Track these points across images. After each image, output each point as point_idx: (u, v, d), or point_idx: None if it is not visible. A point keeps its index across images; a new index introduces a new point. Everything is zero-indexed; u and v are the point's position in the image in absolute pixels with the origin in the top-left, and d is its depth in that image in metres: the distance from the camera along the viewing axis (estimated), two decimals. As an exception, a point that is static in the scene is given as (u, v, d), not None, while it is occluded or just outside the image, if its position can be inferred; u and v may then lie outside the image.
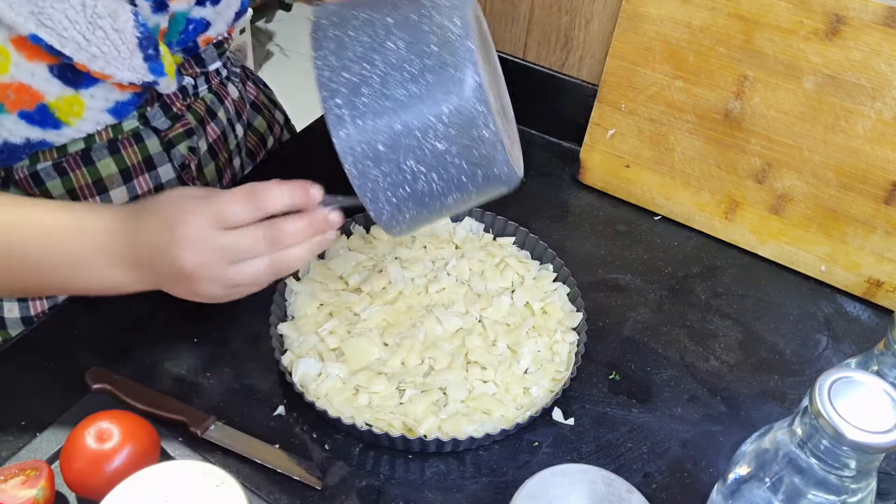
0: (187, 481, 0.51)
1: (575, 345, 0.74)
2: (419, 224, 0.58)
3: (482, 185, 0.55)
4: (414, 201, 0.54)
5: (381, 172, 0.52)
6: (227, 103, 0.87)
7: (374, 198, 0.54)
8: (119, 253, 0.58)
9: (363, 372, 0.69)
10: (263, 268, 0.57)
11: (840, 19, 0.74)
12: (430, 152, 0.52)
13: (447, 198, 0.55)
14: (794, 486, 0.45)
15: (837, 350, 0.79)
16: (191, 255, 0.55)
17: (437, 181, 0.53)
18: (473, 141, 0.52)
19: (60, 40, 0.61)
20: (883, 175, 0.78)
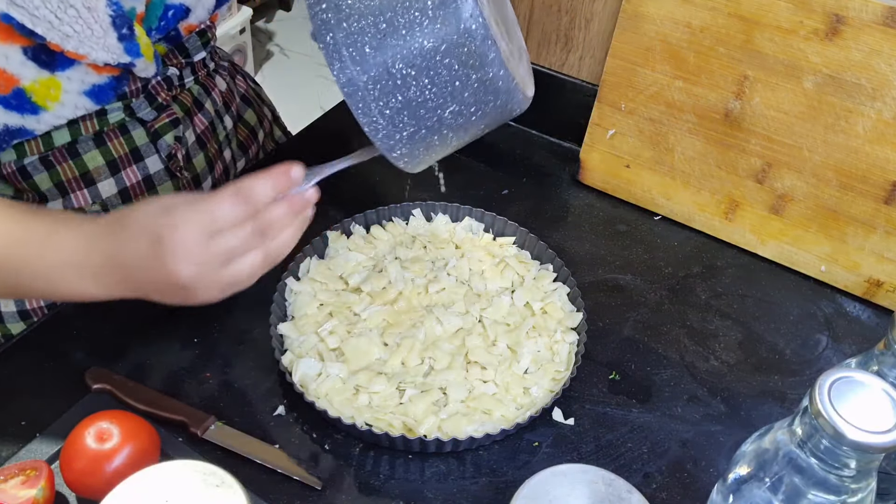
0: (187, 481, 0.51)
1: (575, 345, 0.74)
2: (421, 147, 0.55)
3: (479, 92, 0.53)
4: (409, 113, 0.52)
5: (371, 78, 0.51)
6: (215, 94, 0.87)
7: (365, 109, 0.52)
8: (93, 269, 0.57)
9: (363, 372, 0.69)
10: (259, 261, 0.57)
11: (840, 19, 0.74)
12: (418, 52, 0.50)
13: (444, 110, 0.53)
14: (794, 486, 0.45)
15: (837, 350, 0.79)
16: (186, 266, 0.54)
17: (430, 87, 0.51)
18: (461, 35, 0.50)
19: (32, 19, 0.61)
20: (883, 175, 0.78)
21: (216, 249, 0.55)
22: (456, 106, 0.53)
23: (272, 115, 1.06)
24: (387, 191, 0.94)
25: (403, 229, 0.84)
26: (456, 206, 0.85)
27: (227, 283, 0.57)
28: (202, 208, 0.55)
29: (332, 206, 0.90)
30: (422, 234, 0.84)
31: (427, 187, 0.94)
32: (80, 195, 0.77)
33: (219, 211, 0.55)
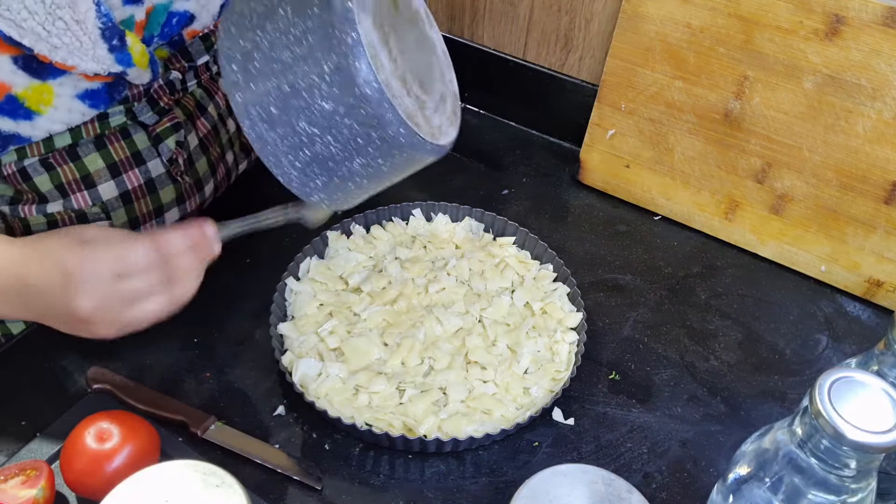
0: (187, 481, 0.51)
1: (575, 345, 0.74)
2: (338, 192, 0.58)
3: (384, 148, 0.55)
4: (319, 165, 0.55)
5: (278, 135, 0.54)
6: (218, 98, 0.87)
7: (277, 162, 0.55)
8: (2, 289, 0.59)
9: (363, 372, 0.69)
10: (162, 306, 0.61)
11: (840, 19, 0.74)
12: (319, 113, 0.53)
13: (352, 162, 0.55)
14: (794, 486, 0.45)
15: (837, 350, 0.79)
16: (88, 301, 0.57)
17: (334, 143, 0.54)
18: (357, 99, 0.52)
19: (19, 31, 0.61)
20: (883, 175, 0.78)
21: (121, 291, 0.58)
22: (363, 159, 0.55)
23: None
24: (387, 191, 0.94)
25: (403, 229, 0.84)
26: (456, 206, 0.85)
27: (127, 322, 0.60)
28: (116, 250, 0.58)
29: (332, 206, 0.90)
30: (422, 234, 0.84)
31: (427, 187, 0.94)
32: (81, 197, 0.77)
33: (131, 255, 0.58)
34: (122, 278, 0.58)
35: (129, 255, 0.58)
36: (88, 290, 0.57)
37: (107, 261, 0.57)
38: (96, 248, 0.57)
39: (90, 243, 0.58)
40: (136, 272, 0.58)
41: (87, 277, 0.57)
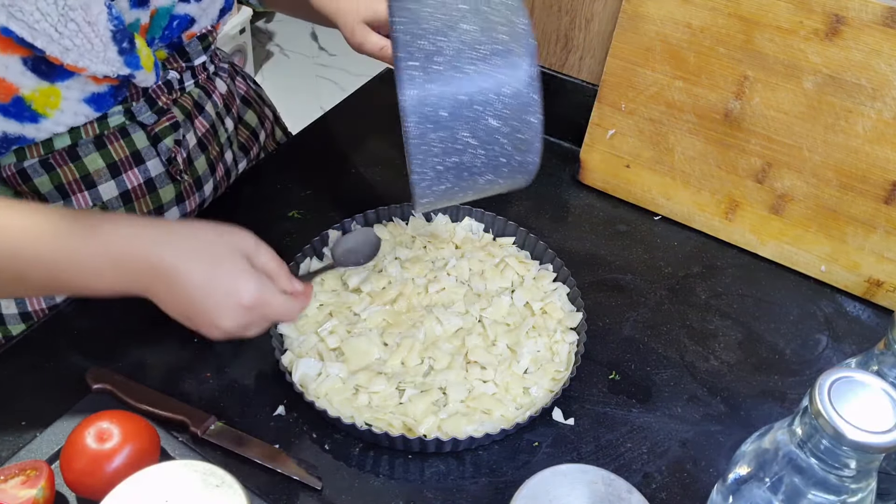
0: (187, 481, 0.51)
1: (575, 345, 0.74)
2: (443, 200, 0.61)
3: (514, 171, 0.60)
4: (455, 173, 0.58)
5: (438, 138, 0.56)
6: (215, 97, 0.87)
7: (423, 161, 0.56)
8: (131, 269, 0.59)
9: (363, 372, 0.69)
10: (259, 331, 0.64)
11: (840, 19, 0.74)
12: (484, 127, 0.56)
13: (481, 178, 0.59)
14: (794, 486, 0.45)
15: (837, 350, 0.79)
16: (223, 321, 0.60)
17: (482, 157, 0.57)
18: (522, 124, 0.57)
19: (32, 33, 0.61)
20: (883, 175, 0.78)
21: (243, 325, 0.61)
22: (492, 176, 0.59)
23: (273, 115, 1.06)
24: (387, 191, 0.94)
25: (403, 229, 0.84)
26: (456, 206, 0.85)
27: (229, 335, 0.63)
28: (269, 295, 0.61)
29: (332, 206, 0.90)
30: (422, 234, 0.84)
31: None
32: (81, 197, 0.77)
33: (272, 307, 0.62)
34: (249, 325, 0.62)
35: (270, 305, 0.62)
36: (225, 314, 0.60)
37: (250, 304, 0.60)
38: (260, 287, 0.61)
39: (256, 279, 0.61)
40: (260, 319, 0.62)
41: (231, 306, 0.60)
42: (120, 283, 0.60)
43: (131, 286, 0.60)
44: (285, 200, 0.91)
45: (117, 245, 0.58)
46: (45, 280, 0.60)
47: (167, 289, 0.59)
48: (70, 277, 0.59)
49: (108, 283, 0.60)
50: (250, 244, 0.62)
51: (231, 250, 0.60)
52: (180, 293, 0.59)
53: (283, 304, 0.62)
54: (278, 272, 0.64)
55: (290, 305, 0.63)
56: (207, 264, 0.59)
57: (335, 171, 0.97)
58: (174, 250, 0.58)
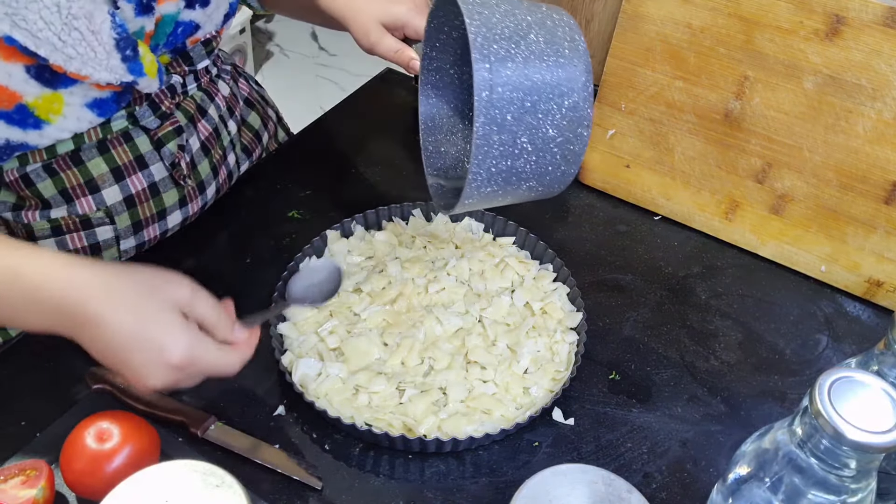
0: (187, 481, 0.51)
1: (575, 345, 0.74)
2: (481, 203, 0.63)
3: (554, 180, 0.62)
4: (504, 177, 0.59)
5: (500, 141, 0.57)
6: (218, 100, 0.87)
7: (481, 162, 0.58)
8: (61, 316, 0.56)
9: (363, 372, 0.69)
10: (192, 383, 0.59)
11: (840, 19, 0.74)
12: (542, 136, 0.58)
13: (525, 183, 0.61)
14: (794, 486, 0.45)
15: (837, 350, 0.79)
16: (155, 375, 0.56)
17: (532, 164, 0.59)
18: (575, 136, 0.60)
19: (35, 41, 0.61)
20: (883, 175, 0.78)
21: (173, 382, 0.57)
22: (534, 183, 0.61)
23: (276, 116, 1.06)
24: (387, 191, 0.94)
25: (403, 229, 0.84)
26: (456, 206, 0.85)
27: (159, 390, 0.60)
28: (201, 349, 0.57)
29: (332, 206, 0.90)
30: (422, 234, 0.84)
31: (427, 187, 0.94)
32: (85, 202, 0.77)
33: (204, 363, 0.57)
34: (176, 369, 0.57)
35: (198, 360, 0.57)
36: (153, 368, 0.56)
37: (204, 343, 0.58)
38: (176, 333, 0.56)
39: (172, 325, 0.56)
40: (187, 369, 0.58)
41: (153, 361, 0.56)
42: (47, 325, 0.57)
43: (57, 328, 0.56)
44: (285, 200, 0.91)
45: (43, 289, 0.55)
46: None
47: (92, 338, 0.56)
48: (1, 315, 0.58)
49: (38, 323, 0.57)
50: (185, 295, 0.58)
51: (163, 304, 0.56)
52: (106, 346, 0.56)
53: (217, 358, 0.58)
54: (217, 323, 0.59)
55: (226, 359, 0.59)
56: (135, 318, 0.55)
57: (335, 171, 0.97)
58: (102, 301, 0.55)
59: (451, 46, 0.72)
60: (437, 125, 0.75)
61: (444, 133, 0.75)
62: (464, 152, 0.75)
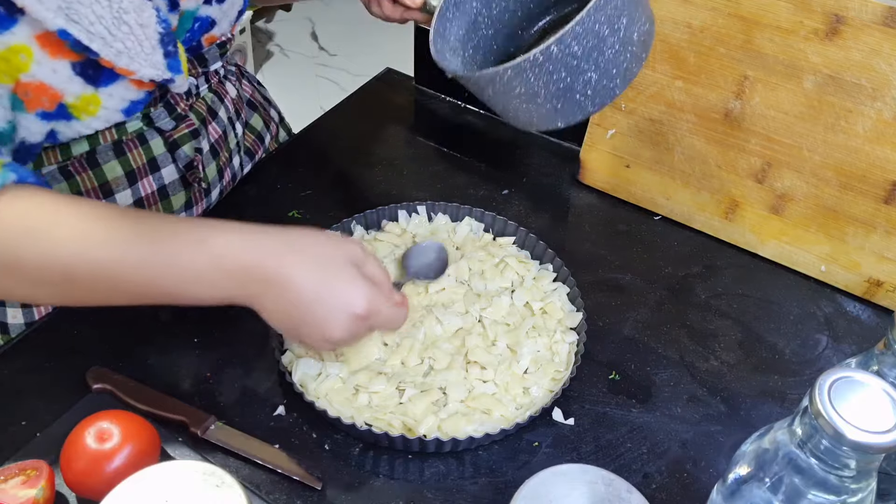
0: (187, 481, 0.51)
1: (575, 345, 0.74)
2: (540, 81, 0.62)
3: (604, 87, 0.63)
4: (593, 44, 0.60)
5: (613, 4, 0.60)
6: (227, 102, 0.87)
7: (596, 8, 0.59)
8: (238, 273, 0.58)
9: (363, 372, 0.69)
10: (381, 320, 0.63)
11: (840, 19, 0.74)
12: (630, 31, 0.62)
13: (592, 70, 0.62)
14: (794, 486, 0.45)
15: (837, 350, 0.79)
16: (334, 331, 0.59)
17: (612, 53, 0.61)
18: (640, 56, 0.64)
19: (88, 35, 0.61)
20: (883, 175, 0.78)
21: (353, 335, 0.61)
22: (594, 75, 0.63)
23: (279, 116, 1.06)
24: (387, 191, 0.94)
25: (403, 229, 0.84)
26: (456, 206, 0.85)
27: (336, 346, 0.63)
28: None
29: (332, 206, 0.90)
30: (422, 234, 0.84)
31: (427, 187, 0.94)
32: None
33: (381, 315, 0.61)
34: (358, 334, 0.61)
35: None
36: (336, 324, 0.59)
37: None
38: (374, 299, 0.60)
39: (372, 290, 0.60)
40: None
41: (344, 319, 0.59)
42: (227, 292, 0.58)
43: (237, 295, 0.58)
44: (285, 200, 0.91)
45: (229, 256, 0.57)
46: (145, 289, 0.59)
47: (276, 299, 0.58)
48: (173, 286, 0.58)
49: (215, 293, 0.58)
50: (359, 254, 0.61)
51: (343, 260, 0.60)
52: (291, 303, 0.58)
53: (391, 312, 0.62)
54: (384, 281, 0.63)
55: (397, 313, 0.63)
56: (321, 275, 0.58)
57: (335, 171, 0.97)
58: (287, 260, 0.58)
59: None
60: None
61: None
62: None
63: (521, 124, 0.69)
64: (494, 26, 0.76)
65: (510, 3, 0.75)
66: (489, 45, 0.76)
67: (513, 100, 0.65)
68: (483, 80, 0.64)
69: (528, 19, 0.77)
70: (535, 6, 0.76)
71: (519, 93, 0.63)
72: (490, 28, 0.75)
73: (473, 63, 0.75)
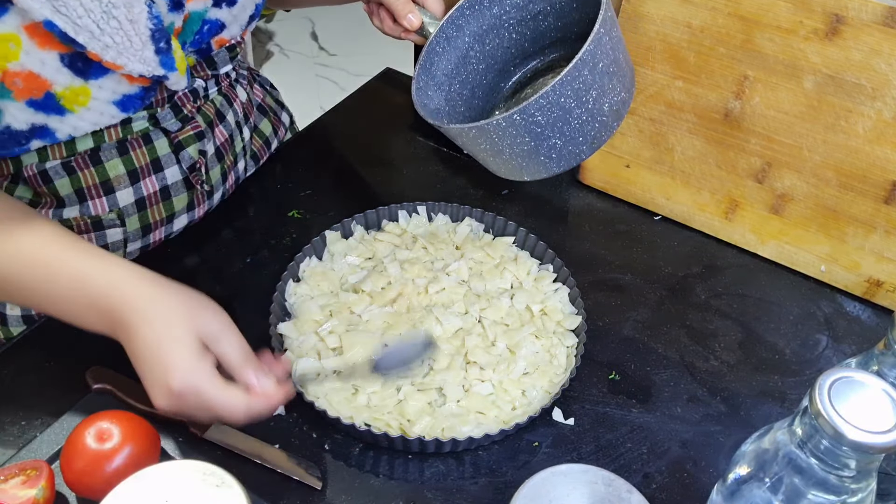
0: (187, 481, 0.51)
1: (574, 345, 0.74)
2: (510, 137, 0.63)
3: (569, 152, 0.64)
4: (558, 115, 0.61)
5: (582, 79, 0.60)
6: (236, 105, 0.87)
7: (563, 84, 0.59)
8: (107, 322, 0.60)
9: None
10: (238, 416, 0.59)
11: (840, 19, 0.74)
12: (600, 103, 0.62)
13: (557, 136, 0.62)
14: (794, 486, 0.45)
15: (837, 350, 0.79)
16: (178, 381, 0.57)
17: (579, 123, 0.62)
18: (610, 126, 0.64)
19: (75, 28, 0.61)
20: (883, 175, 0.78)
21: (178, 408, 0.58)
22: (559, 142, 0.63)
23: (290, 120, 1.06)
24: (387, 191, 0.94)
25: (403, 229, 0.84)
26: (456, 206, 0.85)
27: (168, 414, 0.60)
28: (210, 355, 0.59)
29: (332, 206, 0.90)
30: (422, 234, 0.84)
31: (427, 187, 0.94)
32: (98, 203, 0.77)
33: (209, 401, 0.57)
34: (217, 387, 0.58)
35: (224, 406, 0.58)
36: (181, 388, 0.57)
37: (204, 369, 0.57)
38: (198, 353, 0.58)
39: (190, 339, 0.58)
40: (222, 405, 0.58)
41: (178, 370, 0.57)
42: (96, 326, 0.61)
43: (104, 330, 0.60)
44: (285, 200, 0.91)
45: (100, 300, 0.59)
46: (32, 306, 0.63)
47: (124, 342, 0.59)
48: (54, 312, 0.62)
49: (88, 324, 0.61)
50: (213, 328, 0.58)
51: (187, 329, 0.57)
52: (131, 352, 0.59)
53: (221, 398, 0.57)
54: (238, 364, 0.59)
55: (231, 401, 0.57)
56: (156, 336, 0.57)
57: (335, 171, 0.97)
58: (137, 310, 0.58)
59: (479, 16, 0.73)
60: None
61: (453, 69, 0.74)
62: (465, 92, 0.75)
63: (492, 171, 0.70)
64: (486, 61, 0.75)
65: (503, 41, 0.74)
66: (479, 79, 0.75)
67: (480, 151, 0.66)
68: (452, 132, 0.65)
69: (521, 57, 0.76)
70: (529, 45, 0.75)
71: (484, 148, 0.64)
72: (481, 63, 0.75)
73: (459, 98, 0.74)
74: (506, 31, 0.74)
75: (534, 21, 0.73)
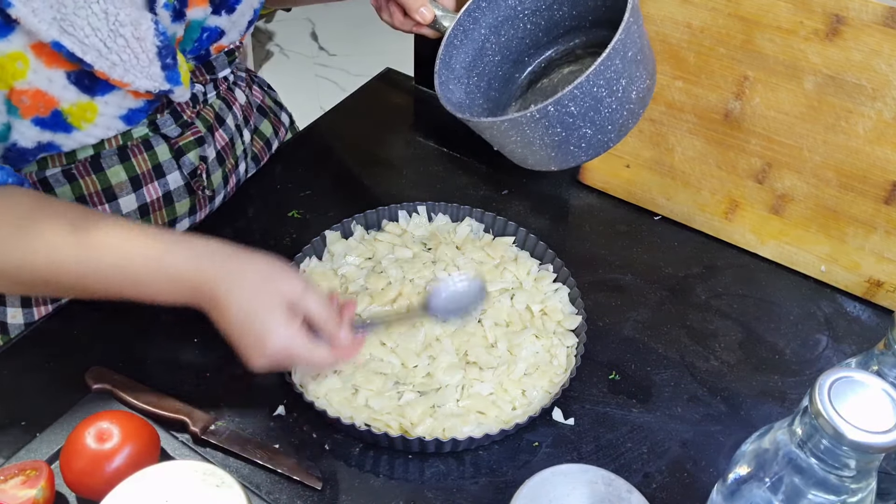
0: (187, 481, 0.51)
1: (574, 346, 0.74)
2: (543, 127, 0.63)
3: (598, 141, 0.65)
4: (590, 104, 0.61)
5: (614, 69, 0.60)
6: (235, 109, 0.87)
7: (597, 73, 0.60)
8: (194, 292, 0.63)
9: (362, 372, 0.69)
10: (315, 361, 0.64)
11: (840, 19, 0.74)
12: (628, 92, 0.62)
13: (588, 126, 0.63)
14: (794, 486, 0.45)
15: (837, 350, 0.79)
16: (273, 343, 0.61)
17: (608, 112, 0.62)
18: (637, 113, 0.65)
19: (82, 48, 0.61)
20: (883, 175, 0.78)
21: (273, 366, 0.63)
22: (590, 131, 0.64)
23: (290, 120, 1.06)
24: (387, 191, 0.94)
25: (403, 229, 0.84)
26: (456, 206, 0.85)
27: (263, 371, 0.64)
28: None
29: (332, 206, 0.90)
30: (422, 234, 0.84)
31: (427, 187, 0.94)
32: (101, 210, 0.76)
33: (299, 359, 0.63)
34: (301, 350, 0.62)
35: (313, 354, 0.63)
36: (275, 339, 0.61)
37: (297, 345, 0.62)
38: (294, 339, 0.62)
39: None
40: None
41: (279, 337, 0.61)
42: (184, 300, 0.63)
43: (192, 304, 0.63)
44: (285, 200, 0.91)
45: (181, 277, 0.62)
46: (111, 294, 0.64)
47: (217, 317, 0.62)
48: (135, 295, 0.64)
49: (175, 299, 0.63)
50: (297, 291, 0.62)
51: (273, 296, 0.61)
52: (226, 323, 0.62)
53: (313, 357, 0.62)
54: (323, 321, 0.63)
55: (318, 355, 0.63)
56: (248, 306, 0.61)
57: (335, 171, 0.97)
58: (226, 286, 0.61)
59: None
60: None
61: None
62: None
63: (517, 162, 0.70)
64: (501, 52, 0.75)
65: (518, 31, 0.75)
66: (495, 71, 0.75)
67: (509, 143, 0.66)
68: (481, 126, 0.65)
69: (535, 47, 0.76)
70: (543, 34, 0.76)
71: (515, 140, 0.65)
72: (497, 55, 0.75)
73: (477, 91, 0.75)
74: (521, 22, 0.74)
75: (549, 10, 0.73)
